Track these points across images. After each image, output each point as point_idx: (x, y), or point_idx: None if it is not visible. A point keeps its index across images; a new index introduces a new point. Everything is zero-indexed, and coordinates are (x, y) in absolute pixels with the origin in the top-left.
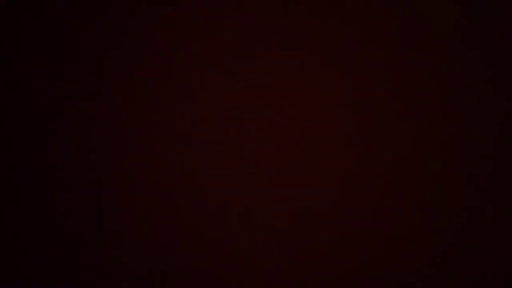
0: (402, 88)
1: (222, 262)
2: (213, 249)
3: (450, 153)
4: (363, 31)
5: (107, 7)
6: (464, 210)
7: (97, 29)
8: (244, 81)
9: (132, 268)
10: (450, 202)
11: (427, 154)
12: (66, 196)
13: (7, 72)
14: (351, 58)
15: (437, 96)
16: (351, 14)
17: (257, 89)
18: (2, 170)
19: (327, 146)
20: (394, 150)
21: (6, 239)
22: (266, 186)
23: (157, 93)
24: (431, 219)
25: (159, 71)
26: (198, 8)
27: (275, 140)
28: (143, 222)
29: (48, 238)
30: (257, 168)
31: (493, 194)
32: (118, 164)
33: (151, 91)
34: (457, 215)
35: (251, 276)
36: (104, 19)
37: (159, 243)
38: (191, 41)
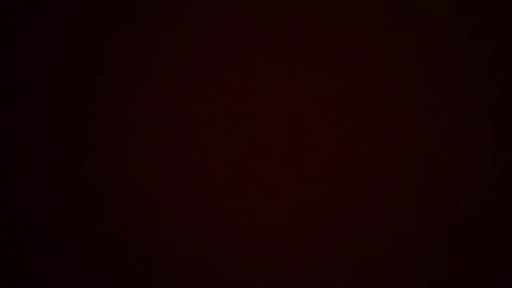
0: (401, 88)
1: (222, 263)
2: (214, 249)
3: (450, 153)
4: (363, 31)
5: (108, 6)
6: (464, 210)
7: (97, 28)
8: (245, 81)
9: (132, 268)
10: (450, 202)
11: (427, 154)
12: (66, 196)
13: (7, 72)
14: (352, 58)
15: (437, 96)
16: (351, 14)
17: (257, 89)
18: (1, 170)
19: (328, 146)
20: (394, 150)
21: (6, 239)
22: (267, 186)
23: (157, 93)
24: (432, 219)
25: (159, 71)
26: (199, 8)
27: (276, 140)
28: (143, 222)
29: (47, 238)
30: (258, 168)
31: (493, 194)
32: (118, 164)
33: (151, 91)
34: (457, 215)
35: (251, 277)
36: (105, 19)
37: (159, 243)
38: (192, 41)
